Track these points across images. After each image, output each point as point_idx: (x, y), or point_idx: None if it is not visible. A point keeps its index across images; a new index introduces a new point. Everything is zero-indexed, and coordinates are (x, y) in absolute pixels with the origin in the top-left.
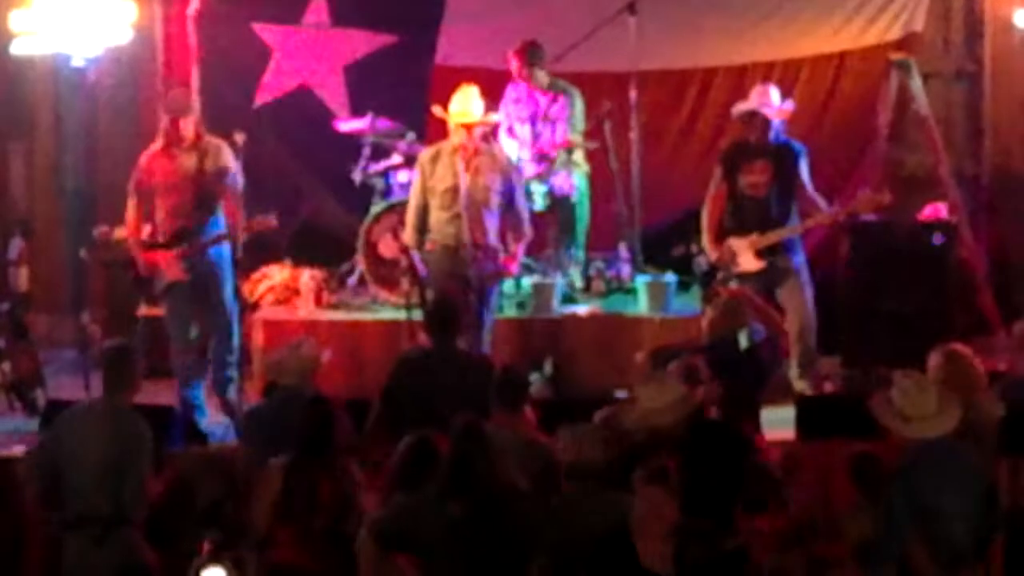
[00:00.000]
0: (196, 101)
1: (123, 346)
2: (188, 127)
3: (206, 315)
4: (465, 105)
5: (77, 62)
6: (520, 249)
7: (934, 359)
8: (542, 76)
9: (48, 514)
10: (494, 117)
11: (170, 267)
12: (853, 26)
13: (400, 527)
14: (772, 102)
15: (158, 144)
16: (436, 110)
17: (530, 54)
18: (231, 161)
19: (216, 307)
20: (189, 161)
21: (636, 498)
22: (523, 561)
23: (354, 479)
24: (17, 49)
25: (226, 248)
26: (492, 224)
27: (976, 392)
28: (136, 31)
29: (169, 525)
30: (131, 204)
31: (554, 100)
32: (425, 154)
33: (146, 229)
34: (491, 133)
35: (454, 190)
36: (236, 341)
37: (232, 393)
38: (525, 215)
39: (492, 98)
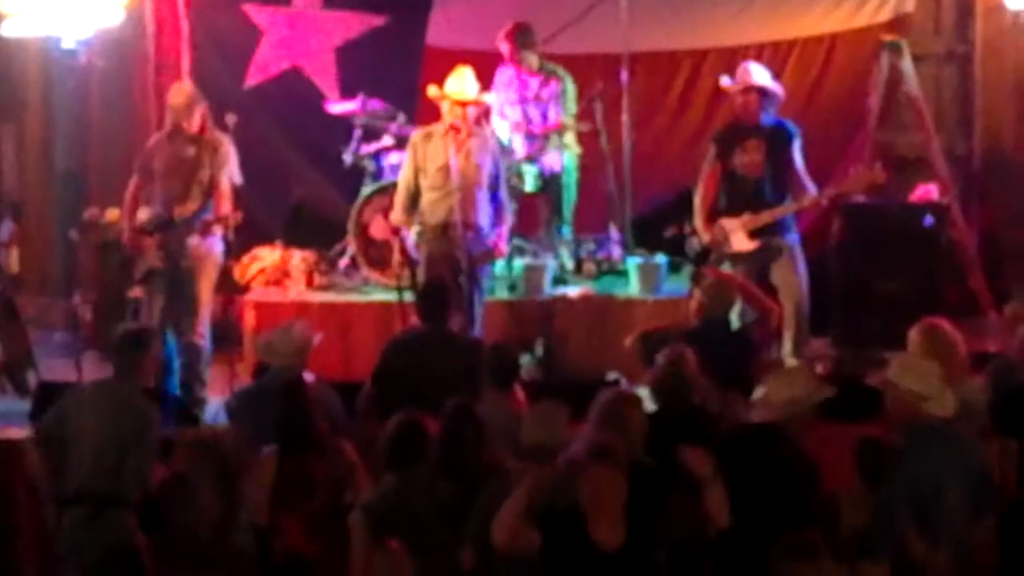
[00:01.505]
0: (198, 93)
1: (142, 330)
2: (194, 120)
3: (178, 306)
4: (461, 84)
5: (68, 44)
6: (504, 231)
7: (914, 334)
8: (532, 58)
9: (50, 492)
10: (488, 98)
11: (149, 253)
12: (844, 8)
13: (391, 510)
14: (754, 77)
15: (167, 128)
16: (431, 90)
17: (520, 36)
18: (230, 157)
19: (189, 301)
20: (188, 151)
21: (584, 477)
22: None
23: (348, 458)
24: (7, 31)
25: (212, 242)
26: (483, 205)
27: (956, 366)
28: (127, 12)
29: (163, 512)
30: (132, 183)
31: (545, 83)
32: (417, 133)
33: (142, 212)
34: (484, 116)
35: (445, 169)
36: (207, 341)
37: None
38: (507, 201)
39: (483, 80)
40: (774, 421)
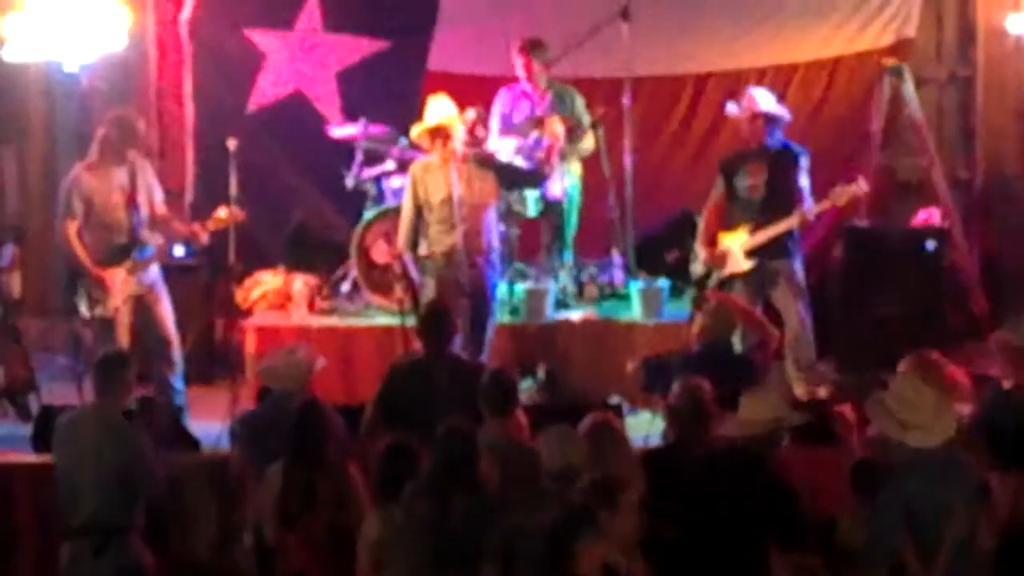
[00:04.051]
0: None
1: (115, 353)
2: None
3: (150, 333)
4: (439, 112)
5: (70, 68)
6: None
7: (904, 364)
8: (543, 76)
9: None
10: (470, 115)
11: (120, 283)
12: (846, 31)
13: (387, 538)
14: (759, 104)
15: (92, 158)
16: (415, 131)
17: (534, 49)
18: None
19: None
20: (121, 177)
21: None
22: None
23: (352, 478)
24: (10, 55)
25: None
26: (491, 228)
27: (946, 399)
28: (129, 37)
29: (165, 528)
30: (72, 222)
31: (542, 99)
32: (416, 166)
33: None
34: (476, 130)
35: (449, 201)
36: (179, 361)
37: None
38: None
39: (486, 103)
40: (745, 441)
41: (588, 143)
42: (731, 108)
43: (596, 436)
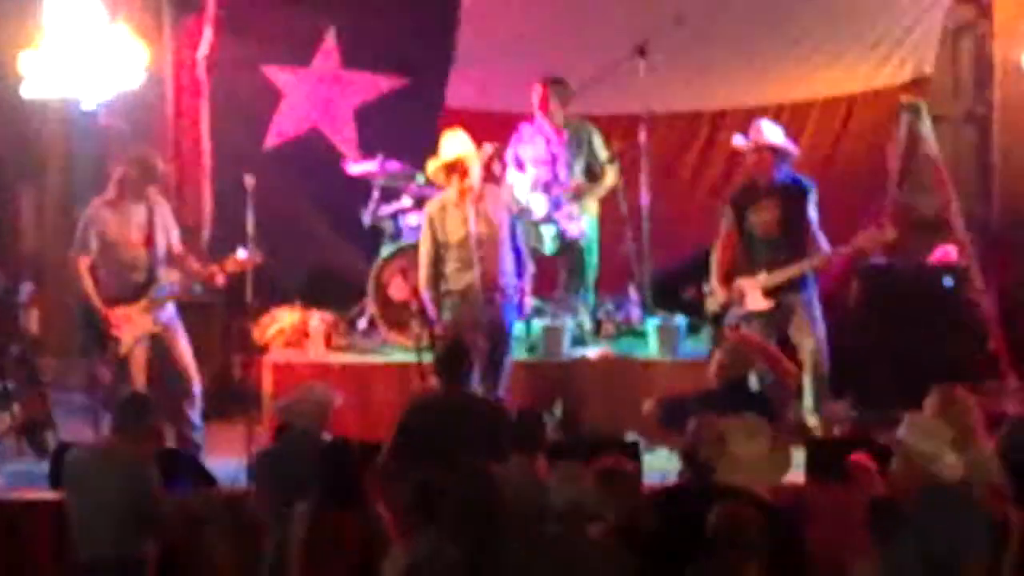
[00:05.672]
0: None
1: (138, 397)
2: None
3: (169, 371)
4: (455, 148)
5: (88, 106)
6: (526, 285)
7: (931, 400)
8: (559, 113)
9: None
10: (487, 150)
11: (135, 321)
12: (863, 69)
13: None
14: (765, 136)
15: (110, 194)
16: (431, 166)
17: (554, 84)
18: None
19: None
20: (139, 215)
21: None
22: None
23: (380, 520)
24: (27, 92)
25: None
26: (508, 264)
27: (973, 436)
28: (147, 74)
29: (179, 566)
30: (84, 258)
31: (558, 135)
32: (433, 205)
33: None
34: (492, 166)
35: (467, 240)
36: (198, 397)
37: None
38: (524, 250)
39: (503, 140)
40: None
41: (608, 180)
42: (738, 140)
43: (607, 479)
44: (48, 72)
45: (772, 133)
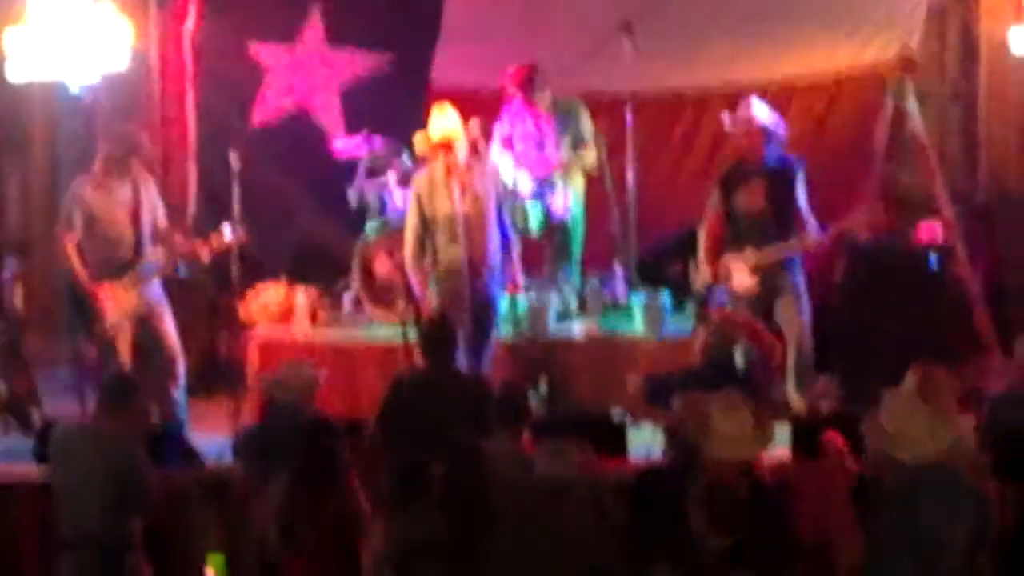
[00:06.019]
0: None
1: (124, 376)
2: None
3: (154, 348)
4: (443, 124)
5: (74, 88)
6: (517, 264)
7: (908, 378)
8: (545, 98)
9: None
10: (474, 128)
11: (121, 298)
12: (848, 48)
13: (395, 552)
14: (756, 116)
15: (96, 172)
16: (418, 143)
17: (530, 81)
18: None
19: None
20: (125, 192)
21: None
22: None
23: (357, 496)
24: (12, 74)
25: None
26: (493, 242)
27: (950, 413)
28: (132, 52)
29: (164, 542)
30: (70, 235)
31: (545, 118)
32: (419, 180)
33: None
34: (478, 144)
35: (453, 216)
36: (182, 375)
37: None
38: (508, 227)
39: (489, 118)
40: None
41: (592, 156)
42: (728, 121)
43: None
44: (33, 51)
45: (763, 113)
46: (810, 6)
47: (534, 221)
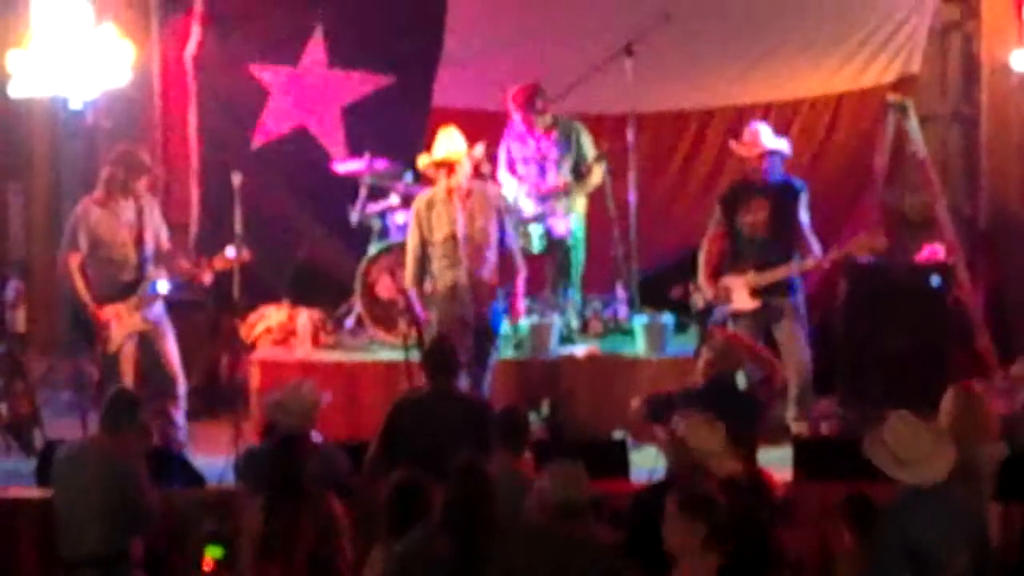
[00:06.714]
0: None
1: (126, 394)
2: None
3: (155, 369)
4: (448, 145)
5: (75, 105)
6: (520, 287)
7: (948, 397)
8: (546, 118)
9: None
10: (478, 151)
11: (125, 319)
12: (850, 68)
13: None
14: (764, 141)
15: (99, 194)
16: (422, 161)
17: (532, 102)
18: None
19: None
20: (128, 213)
21: None
22: None
23: (333, 511)
24: (15, 91)
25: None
26: (492, 263)
27: (985, 434)
28: (134, 73)
29: (165, 562)
30: (74, 255)
31: (547, 136)
32: (420, 201)
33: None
34: (480, 167)
35: (452, 237)
36: (183, 396)
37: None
38: (516, 251)
39: (490, 139)
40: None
41: (595, 178)
42: (735, 145)
43: None
44: (36, 71)
45: (769, 137)
46: (812, 27)
47: (536, 241)
